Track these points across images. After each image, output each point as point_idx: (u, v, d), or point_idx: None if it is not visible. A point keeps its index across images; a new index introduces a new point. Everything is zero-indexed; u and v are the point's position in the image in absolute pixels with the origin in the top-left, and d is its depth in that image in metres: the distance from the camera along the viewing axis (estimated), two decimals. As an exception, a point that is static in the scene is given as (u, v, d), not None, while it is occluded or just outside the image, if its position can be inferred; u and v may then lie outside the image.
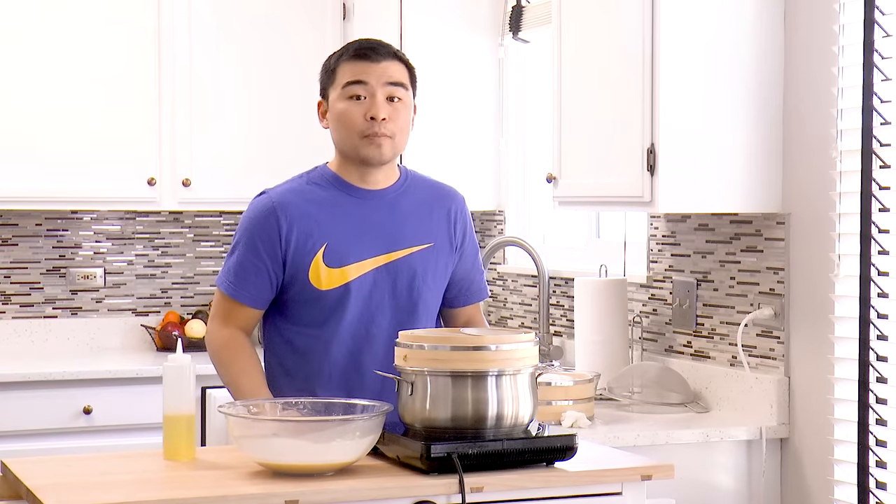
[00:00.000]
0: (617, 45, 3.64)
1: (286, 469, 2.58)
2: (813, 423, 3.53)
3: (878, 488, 3.29)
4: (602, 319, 4.01)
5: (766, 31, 3.57)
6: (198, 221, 5.32)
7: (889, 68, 3.28)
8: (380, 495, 2.54)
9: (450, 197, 3.26)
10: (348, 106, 3.10)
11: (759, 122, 3.57)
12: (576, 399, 3.57)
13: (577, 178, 3.82)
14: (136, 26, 4.86)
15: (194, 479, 2.63)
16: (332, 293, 3.10)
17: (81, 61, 4.81)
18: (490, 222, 5.01)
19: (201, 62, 4.93)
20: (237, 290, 3.13)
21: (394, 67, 3.12)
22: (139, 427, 4.51)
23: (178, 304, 5.30)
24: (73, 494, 2.50)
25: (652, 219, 4.09)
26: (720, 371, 3.80)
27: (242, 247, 3.13)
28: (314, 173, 3.20)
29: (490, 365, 2.64)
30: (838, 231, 3.41)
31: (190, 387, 2.78)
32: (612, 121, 3.66)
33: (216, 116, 4.96)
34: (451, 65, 4.78)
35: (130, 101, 4.86)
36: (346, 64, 3.12)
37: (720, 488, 3.56)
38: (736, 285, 3.77)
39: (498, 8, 4.83)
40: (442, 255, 3.21)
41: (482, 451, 2.61)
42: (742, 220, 3.74)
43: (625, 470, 2.73)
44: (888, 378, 3.29)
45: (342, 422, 2.60)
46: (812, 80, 3.51)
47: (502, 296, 4.92)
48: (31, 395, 4.53)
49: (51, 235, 5.14)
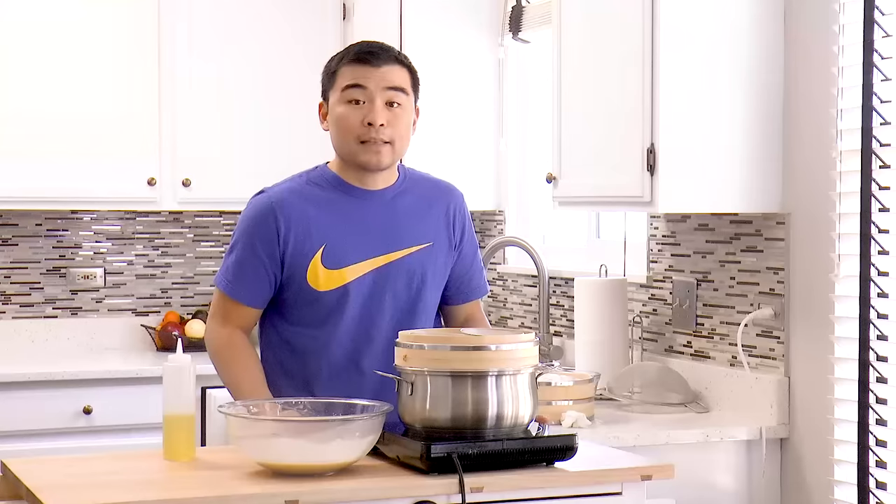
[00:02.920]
0: (617, 45, 3.64)
1: (286, 469, 2.58)
2: (813, 423, 3.53)
3: (878, 488, 3.29)
4: (602, 319, 4.01)
5: (766, 31, 3.57)
6: (198, 221, 5.32)
7: (889, 68, 3.28)
8: (380, 495, 2.55)
9: (448, 194, 3.26)
10: (347, 110, 3.09)
11: (759, 122, 3.57)
12: (576, 399, 3.57)
13: (577, 178, 3.82)
14: (137, 26, 4.85)
15: (194, 479, 2.63)
16: (330, 294, 3.09)
17: (81, 62, 4.81)
18: (490, 222, 5.00)
19: (201, 62, 4.93)
20: (235, 289, 3.13)
21: (394, 72, 3.10)
22: (139, 427, 4.51)
23: (178, 304, 5.30)
24: (73, 494, 2.50)
25: (652, 219, 4.09)
26: (720, 371, 3.80)
27: (241, 246, 3.13)
28: (314, 173, 3.19)
29: (490, 365, 2.64)
30: (838, 231, 3.41)
31: (190, 387, 2.78)
32: (612, 121, 3.66)
33: (216, 116, 4.96)
34: (451, 65, 4.78)
35: (130, 102, 4.86)
36: (346, 67, 3.11)
37: (720, 488, 3.56)
38: (736, 285, 3.77)
39: (498, 8, 4.83)
40: (441, 254, 3.20)
41: (482, 451, 2.61)
42: (742, 220, 3.74)
43: (625, 470, 2.73)
44: (888, 378, 3.29)
45: (342, 422, 2.60)
46: (812, 80, 3.51)
47: (502, 296, 4.92)
48: (31, 395, 4.53)
49: (51, 235, 5.14)
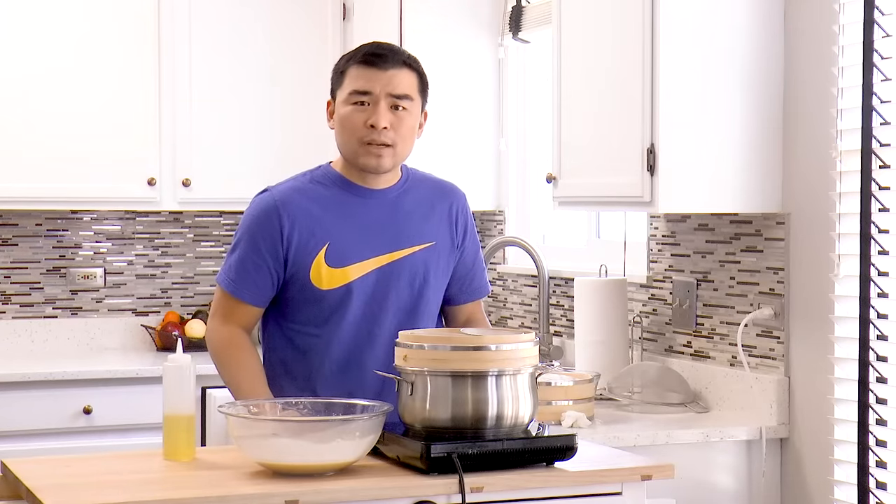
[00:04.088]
0: (617, 45, 3.64)
1: (286, 469, 2.58)
2: (813, 423, 3.53)
3: (878, 488, 3.29)
4: (602, 319, 4.01)
5: (766, 31, 3.57)
6: (198, 221, 5.32)
7: (889, 68, 3.28)
8: (380, 495, 2.54)
9: (450, 194, 3.26)
10: (351, 111, 3.09)
11: (759, 123, 3.57)
12: (576, 399, 3.57)
13: (577, 178, 3.82)
14: (137, 26, 4.86)
15: (194, 479, 2.63)
16: (333, 293, 3.10)
17: (82, 61, 4.81)
18: (490, 222, 5.00)
19: (201, 62, 4.93)
20: (238, 287, 3.13)
21: (401, 76, 3.09)
22: (139, 427, 4.51)
23: (178, 304, 5.30)
24: (73, 494, 2.50)
25: (652, 219, 4.09)
26: (720, 371, 3.80)
27: (244, 244, 3.13)
28: (318, 172, 3.19)
29: (490, 365, 2.64)
30: (838, 231, 3.41)
31: (190, 387, 2.78)
32: (611, 121, 3.66)
33: (216, 116, 4.96)
34: (451, 65, 4.78)
35: (131, 102, 4.86)
36: (353, 68, 3.11)
37: (720, 488, 3.56)
38: (736, 285, 3.77)
39: (498, 8, 4.83)
40: (443, 254, 3.20)
41: (482, 451, 2.61)
42: (742, 220, 3.74)
43: (625, 470, 2.73)
44: (888, 378, 3.29)
45: (342, 422, 2.60)
46: (812, 80, 3.51)
47: (502, 296, 4.92)
48: (31, 395, 4.52)
49: (51, 235, 5.14)
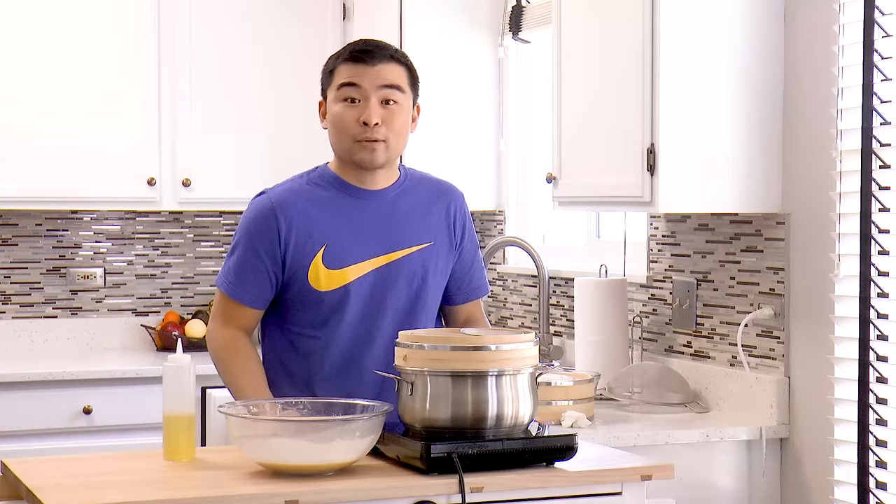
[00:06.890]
0: (617, 45, 3.64)
1: (286, 469, 2.58)
2: (813, 423, 3.53)
3: (878, 488, 3.29)
4: (602, 319, 4.00)
5: (766, 31, 3.57)
6: (198, 221, 5.32)
7: (889, 68, 3.28)
8: (380, 495, 2.54)
9: (448, 193, 3.26)
10: (343, 109, 3.09)
11: (759, 123, 3.57)
12: (576, 399, 3.57)
13: (577, 178, 3.82)
14: (137, 26, 4.85)
15: (194, 479, 2.63)
16: (331, 295, 3.10)
17: (81, 61, 4.81)
18: (490, 222, 5.00)
19: (201, 62, 4.93)
20: (237, 290, 3.13)
21: (389, 70, 3.10)
22: (139, 427, 4.51)
23: (178, 304, 5.30)
24: (73, 494, 2.50)
25: (652, 219, 4.09)
26: (720, 371, 3.80)
27: (242, 247, 3.13)
28: (314, 173, 3.19)
29: (490, 365, 2.64)
30: (838, 231, 3.41)
31: (190, 387, 2.78)
32: (611, 121, 3.66)
33: (216, 116, 4.96)
34: (451, 65, 4.78)
35: (131, 102, 4.86)
36: (342, 66, 3.11)
37: (720, 488, 3.56)
38: (736, 285, 3.77)
39: (498, 8, 4.83)
40: (442, 254, 3.20)
41: (482, 451, 2.61)
42: (742, 220, 3.74)
43: (625, 470, 2.73)
44: (888, 378, 3.29)
45: (342, 422, 2.60)
46: (812, 80, 3.51)
47: (502, 296, 4.92)
48: (31, 395, 4.52)
49: (51, 235, 5.14)
